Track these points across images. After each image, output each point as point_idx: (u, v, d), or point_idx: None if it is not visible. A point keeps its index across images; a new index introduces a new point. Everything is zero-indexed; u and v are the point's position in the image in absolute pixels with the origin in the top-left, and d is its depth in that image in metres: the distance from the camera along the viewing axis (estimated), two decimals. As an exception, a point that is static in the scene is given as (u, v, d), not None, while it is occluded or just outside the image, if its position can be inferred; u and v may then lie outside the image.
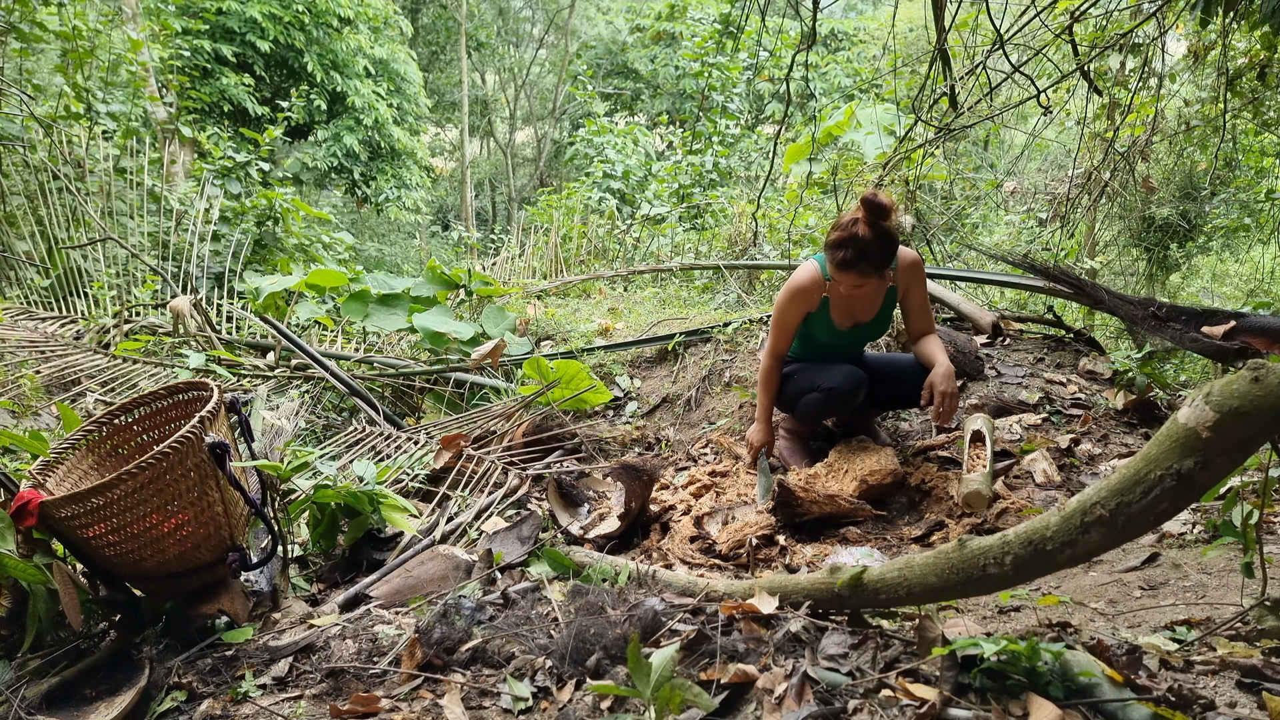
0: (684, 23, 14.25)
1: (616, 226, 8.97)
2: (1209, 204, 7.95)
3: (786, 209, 7.91)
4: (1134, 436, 3.72)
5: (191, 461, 2.03)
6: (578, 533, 3.17)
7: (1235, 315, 3.41)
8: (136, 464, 1.94)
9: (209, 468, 2.07)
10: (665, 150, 12.62)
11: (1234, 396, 1.23)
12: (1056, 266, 4.65)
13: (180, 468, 2.02)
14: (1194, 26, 5.30)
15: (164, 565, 2.09)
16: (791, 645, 1.63)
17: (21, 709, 1.79)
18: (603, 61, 17.90)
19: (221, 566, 2.19)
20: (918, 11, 9.12)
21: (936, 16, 3.92)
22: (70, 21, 6.32)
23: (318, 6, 13.64)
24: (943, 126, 4.94)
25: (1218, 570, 2.36)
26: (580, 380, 4.20)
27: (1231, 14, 4.01)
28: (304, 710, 1.77)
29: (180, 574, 2.13)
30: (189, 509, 2.07)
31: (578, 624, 1.82)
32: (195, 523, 2.09)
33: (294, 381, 4.65)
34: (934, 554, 1.61)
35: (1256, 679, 1.41)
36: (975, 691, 1.34)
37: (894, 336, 4.55)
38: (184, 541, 2.09)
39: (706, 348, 4.87)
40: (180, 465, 2.01)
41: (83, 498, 1.94)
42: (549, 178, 16.59)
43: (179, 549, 2.09)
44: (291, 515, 2.80)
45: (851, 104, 8.19)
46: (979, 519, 3.11)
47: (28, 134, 5.87)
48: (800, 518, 3.17)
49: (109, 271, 5.67)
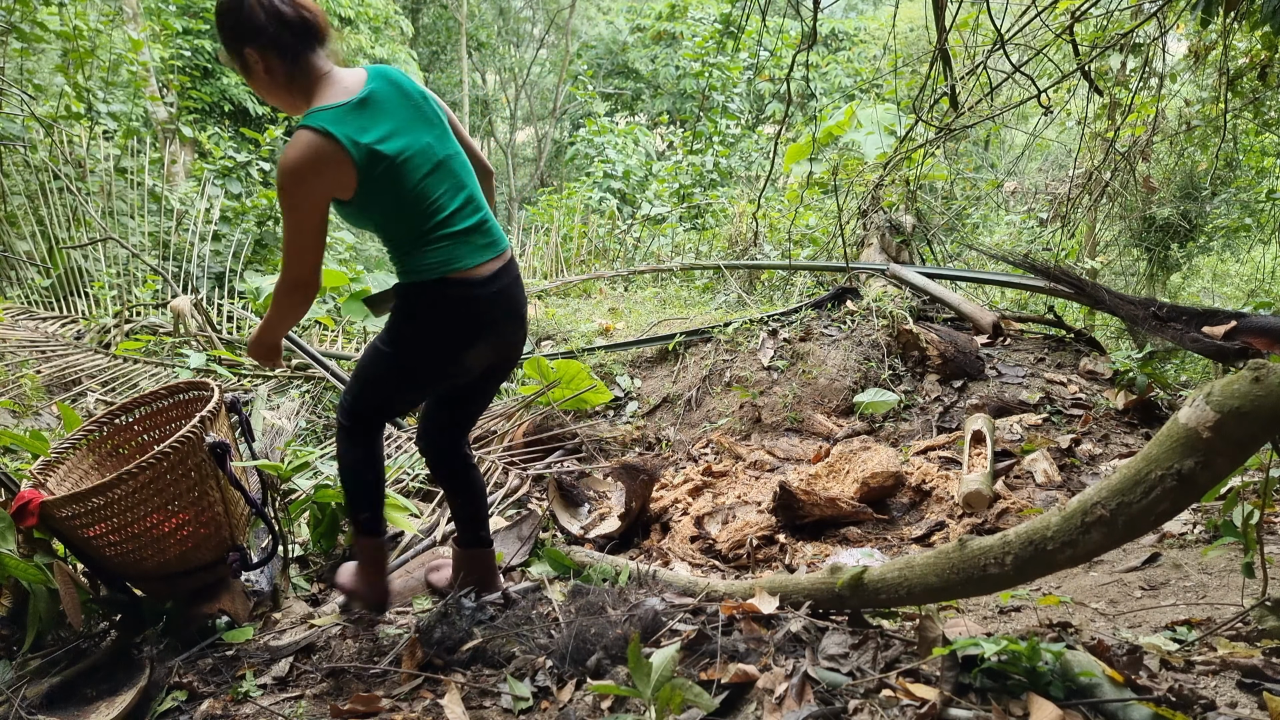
0: (684, 23, 14.25)
1: (617, 226, 8.97)
2: (1210, 204, 7.95)
3: (787, 209, 7.91)
4: (1134, 436, 3.72)
5: (192, 462, 2.03)
6: (578, 532, 3.17)
7: (1236, 315, 3.41)
8: (137, 464, 1.94)
9: (209, 468, 2.07)
10: (665, 150, 12.63)
11: (1235, 396, 1.23)
12: (1057, 266, 4.65)
13: (180, 468, 2.01)
14: (1194, 26, 5.30)
15: (165, 565, 2.09)
16: (792, 645, 1.63)
17: (22, 709, 1.79)
18: (603, 61, 17.90)
19: (222, 566, 2.18)
20: (918, 11, 9.12)
21: (937, 16, 3.91)
22: (71, 21, 6.32)
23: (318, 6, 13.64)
24: (943, 126, 4.93)
25: (1218, 570, 2.36)
26: (581, 380, 4.20)
27: (1232, 14, 4.01)
28: (305, 710, 1.77)
29: (181, 574, 2.13)
30: (189, 509, 2.07)
31: (578, 624, 1.81)
32: (196, 522, 2.09)
33: (295, 381, 4.65)
34: (934, 554, 1.61)
35: (1257, 679, 1.40)
36: (976, 691, 1.34)
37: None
38: (184, 541, 2.09)
39: (707, 348, 4.86)
40: (180, 465, 2.01)
41: (83, 498, 1.94)
42: (549, 178, 16.62)
43: (179, 549, 2.09)
44: (292, 515, 2.80)
45: (852, 104, 8.19)
46: (979, 519, 3.11)
47: (28, 134, 5.87)
48: (801, 519, 3.17)
49: (110, 271, 5.67)
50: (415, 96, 1.93)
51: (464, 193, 1.97)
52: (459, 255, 1.92)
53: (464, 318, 1.97)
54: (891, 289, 5.11)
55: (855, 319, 4.84)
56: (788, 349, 4.67)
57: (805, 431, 4.22)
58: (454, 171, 1.96)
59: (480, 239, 1.97)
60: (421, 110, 1.93)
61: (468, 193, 1.98)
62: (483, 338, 2.01)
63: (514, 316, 2.06)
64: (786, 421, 4.28)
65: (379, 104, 1.86)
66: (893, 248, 5.76)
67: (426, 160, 1.89)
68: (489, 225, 2.01)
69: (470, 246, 1.94)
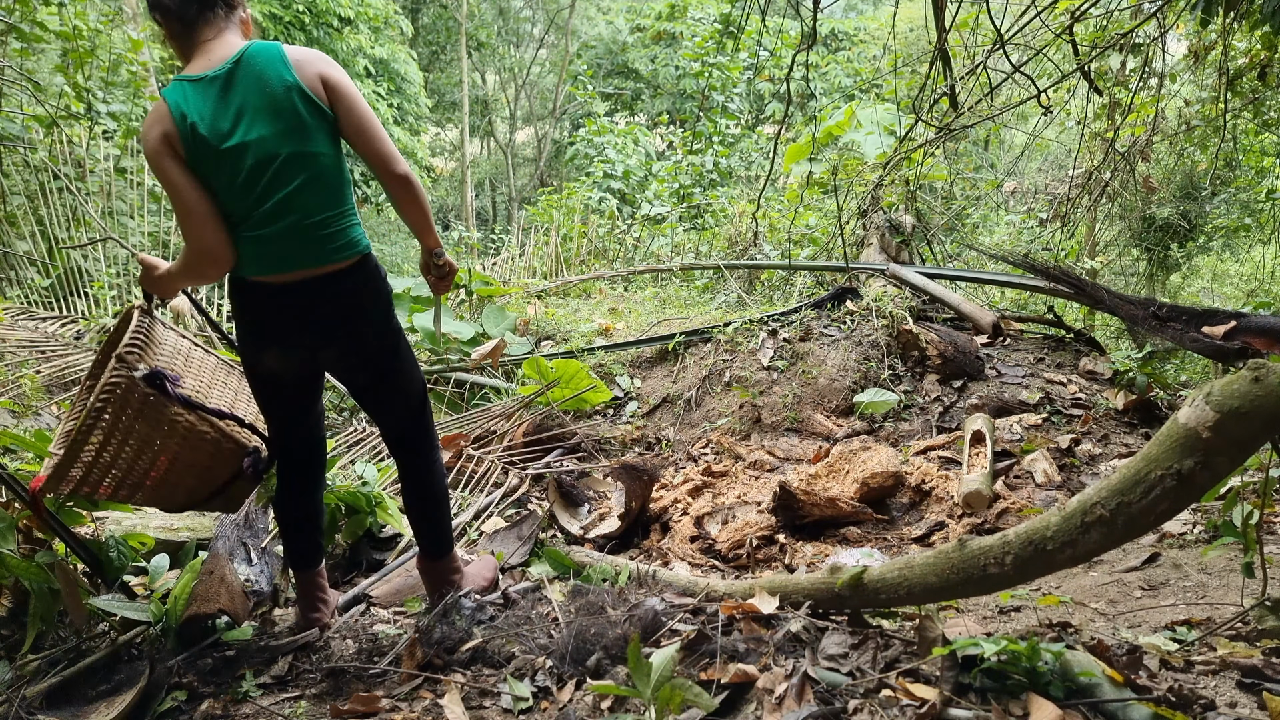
0: (684, 23, 14.25)
1: (617, 226, 8.97)
2: (1209, 204, 7.94)
3: (787, 209, 7.91)
4: (1134, 436, 3.72)
5: (134, 403, 1.90)
6: (578, 532, 3.17)
7: (1236, 315, 3.41)
8: (76, 428, 1.87)
9: (157, 399, 1.93)
10: (665, 150, 12.63)
11: (1234, 396, 1.23)
12: (1057, 266, 4.65)
13: (125, 414, 1.90)
14: (1194, 26, 5.30)
15: (193, 494, 2.04)
16: (792, 645, 1.63)
17: (22, 709, 1.79)
18: (603, 61, 17.90)
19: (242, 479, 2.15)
20: (918, 11, 9.13)
21: (937, 16, 3.92)
22: (71, 21, 6.32)
23: (318, 6, 13.64)
24: (943, 126, 4.94)
25: (1218, 570, 2.36)
26: (580, 380, 4.20)
27: (1232, 14, 4.01)
28: (304, 710, 1.77)
29: (216, 494, 2.10)
30: (171, 443, 1.97)
31: (578, 624, 1.82)
32: (190, 451, 2.01)
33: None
34: (934, 554, 1.61)
35: (1257, 679, 1.40)
36: (975, 691, 1.34)
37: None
38: (191, 470, 2.03)
39: (706, 348, 4.86)
40: (123, 412, 1.90)
41: (62, 470, 1.91)
42: (549, 178, 16.60)
43: (193, 480, 2.04)
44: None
45: (852, 104, 8.19)
46: (979, 519, 3.11)
47: (28, 134, 5.87)
48: (801, 520, 3.17)
49: (109, 271, 5.67)
50: (275, 86, 1.82)
51: (277, 196, 1.84)
52: (247, 261, 1.89)
53: (248, 320, 1.98)
54: (891, 289, 5.11)
55: (855, 319, 4.84)
56: (788, 349, 4.67)
57: (805, 431, 4.22)
58: (281, 173, 1.84)
59: (278, 249, 1.87)
60: (275, 101, 1.82)
61: (282, 197, 1.84)
62: (268, 341, 1.98)
63: (306, 326, 1.95)
64: (786, 421, 4.28)
65: (231, 85, 1.83)
66: (893, 248, 5.76)
67: (254, 153, 1.81)
68: (299, 237, 1.88)
69: (263, 256, 1.88)
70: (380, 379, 2.11)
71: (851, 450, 3.60)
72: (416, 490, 2.21)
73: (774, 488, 3.21)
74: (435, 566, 2.25)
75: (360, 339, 2.02)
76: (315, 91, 1.86)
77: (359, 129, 1.89)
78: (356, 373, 2.11)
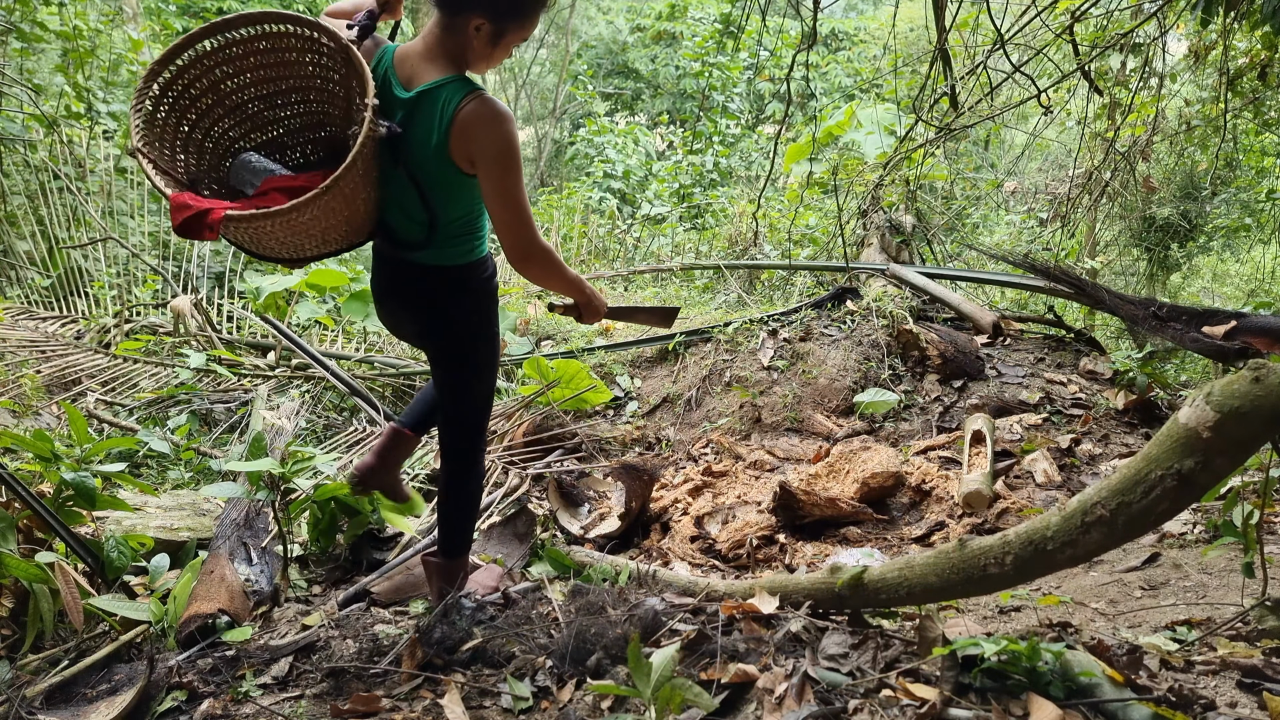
0: (684, 22, 14.23)
1: (617, 226, 8.97)
2: (1210, 204, 7.94)
3: (787, 209, 7.91)
4: (1134, 436, 3.72)
5: (363, 166, 1.79)
6: (578, 532, 3.17)
7: (1236, 315, 3.41)
8: (323, 188, 1.71)
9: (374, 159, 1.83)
10: (665, 150, 12.61)
11: (1234, 396, 1.23)
12: (1057, 266, 4.65)
13: (360, 177, 1.80)
14: (1194, 26, 5.30)
15: (323, 247, 1.94)
16: (792, 645, 1.63)
17: (22, 709, 1.79)
18: (603, 61, 17.89)
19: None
20: (918, 11, 9.12)
21: (937, 16, 3.92)
22: (71, 21, 6.32)
23: (318, 7, 13.65)
24: (943, 126, 4.94)
25: (1218, 570, 2.36)
26: (580, 380, 4.20)
27: (1232, 14, 4.01)
28: (304, 710, 1.77)
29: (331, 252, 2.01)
30: (349, 206, 1.85)
31: (578, 624, 1.82)
32: (350, 213, 1.90)
33: (294, 381, 4.65)
34: (934, 554, 1.61)
35: (1257, 679, 1.41)
36: (976, 691, 1.34)
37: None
38: (338, 227, 1.91)
39: (707, 348, 4.86)
40: (360, 174, 1.79)
41: (262, 219, 1.73)
42: (549, 177, 16.60)
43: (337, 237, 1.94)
44: (292, 515, 2.80)
45: (852, 104, 8.19)
46: (979, 519, 3.11)
47: (28, 134, 5.87)
48: (801, 519, 3.17)
49: (110, 271, 5.67)
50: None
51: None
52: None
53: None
54: (891, 289, 5.11)
55: (855, 319, 4.84)
56: (788, 349, 4.67)
57: (805, 431, 4.22)
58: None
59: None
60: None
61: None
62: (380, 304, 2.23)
63: (391, 297, 2.18)
64: (786, 421, 4.28)
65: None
66: (893, 248, 5.77)
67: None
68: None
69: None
70: (429, 347, 2.22)
71: (852, 450, 3.60)
72: (450, 488, 2.22)
73: (774, 488, 3.21)
74: (444, 565, 2.24)
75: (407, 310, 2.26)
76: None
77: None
78: (423, 341, 2.29)
